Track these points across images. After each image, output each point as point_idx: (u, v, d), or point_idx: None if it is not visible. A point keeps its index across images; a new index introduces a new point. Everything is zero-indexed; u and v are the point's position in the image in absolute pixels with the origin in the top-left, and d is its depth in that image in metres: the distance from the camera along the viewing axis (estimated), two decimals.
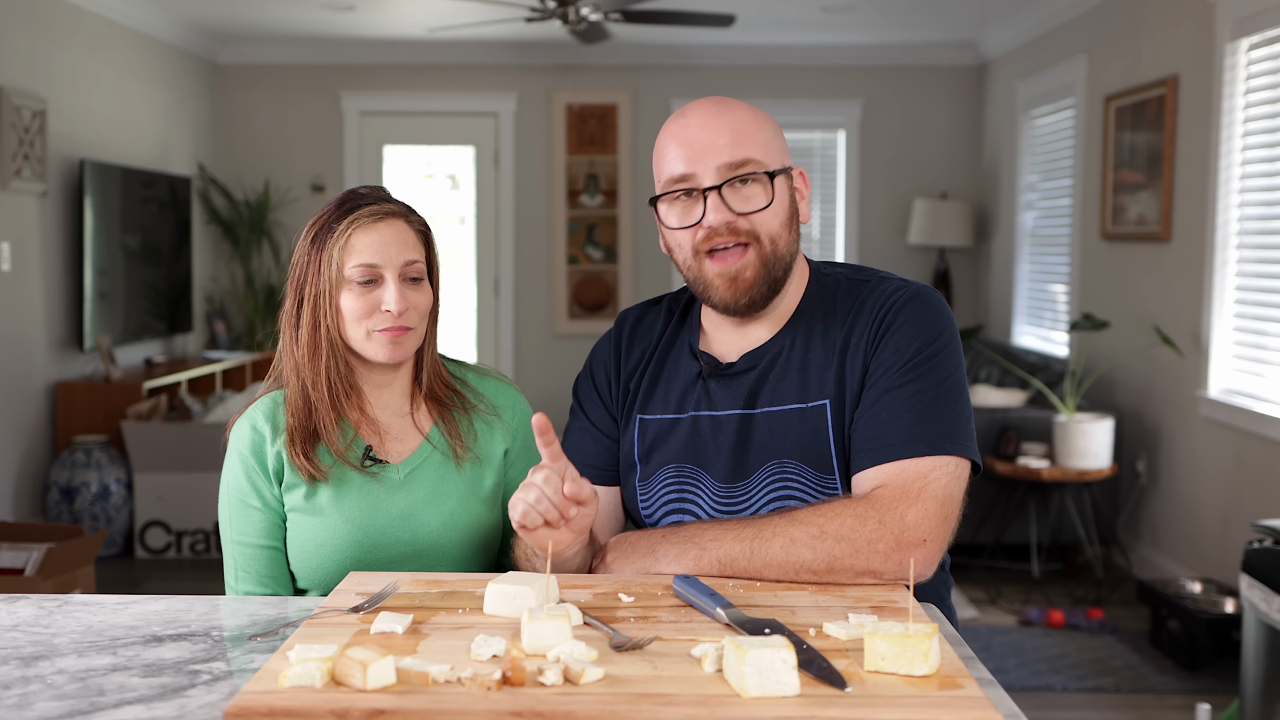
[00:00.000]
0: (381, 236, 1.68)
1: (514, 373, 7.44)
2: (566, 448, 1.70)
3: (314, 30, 6.73)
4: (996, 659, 3.91)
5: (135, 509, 5.17)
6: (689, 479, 1.65)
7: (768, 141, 1.60)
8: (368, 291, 1.68)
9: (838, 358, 1.61)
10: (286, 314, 1.73)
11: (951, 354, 1.60)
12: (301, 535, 1.71)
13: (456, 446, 1.76)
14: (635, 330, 1.77)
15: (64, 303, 5.38)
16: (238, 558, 1.74)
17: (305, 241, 1.71)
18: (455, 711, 1.10)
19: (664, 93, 7.32)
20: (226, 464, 1.76)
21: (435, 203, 7.60)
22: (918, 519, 1.49)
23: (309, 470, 1.69)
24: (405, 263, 1.69)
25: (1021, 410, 5.02)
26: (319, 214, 1.73)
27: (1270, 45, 4.04)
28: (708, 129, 1.58)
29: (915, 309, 1.60)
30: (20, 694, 1.20)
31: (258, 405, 1.76)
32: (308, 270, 1.70)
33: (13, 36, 4.94)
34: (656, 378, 1.71)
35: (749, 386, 1.64)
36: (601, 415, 1.75)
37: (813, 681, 1.16)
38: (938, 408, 1.55)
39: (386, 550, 1.71)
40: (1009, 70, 6.73)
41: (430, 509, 1.73)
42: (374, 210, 1.70)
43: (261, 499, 1.73)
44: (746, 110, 1.62)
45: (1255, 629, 2.91)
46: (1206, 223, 4.37)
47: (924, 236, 6.99)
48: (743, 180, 1.57)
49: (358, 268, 1.67)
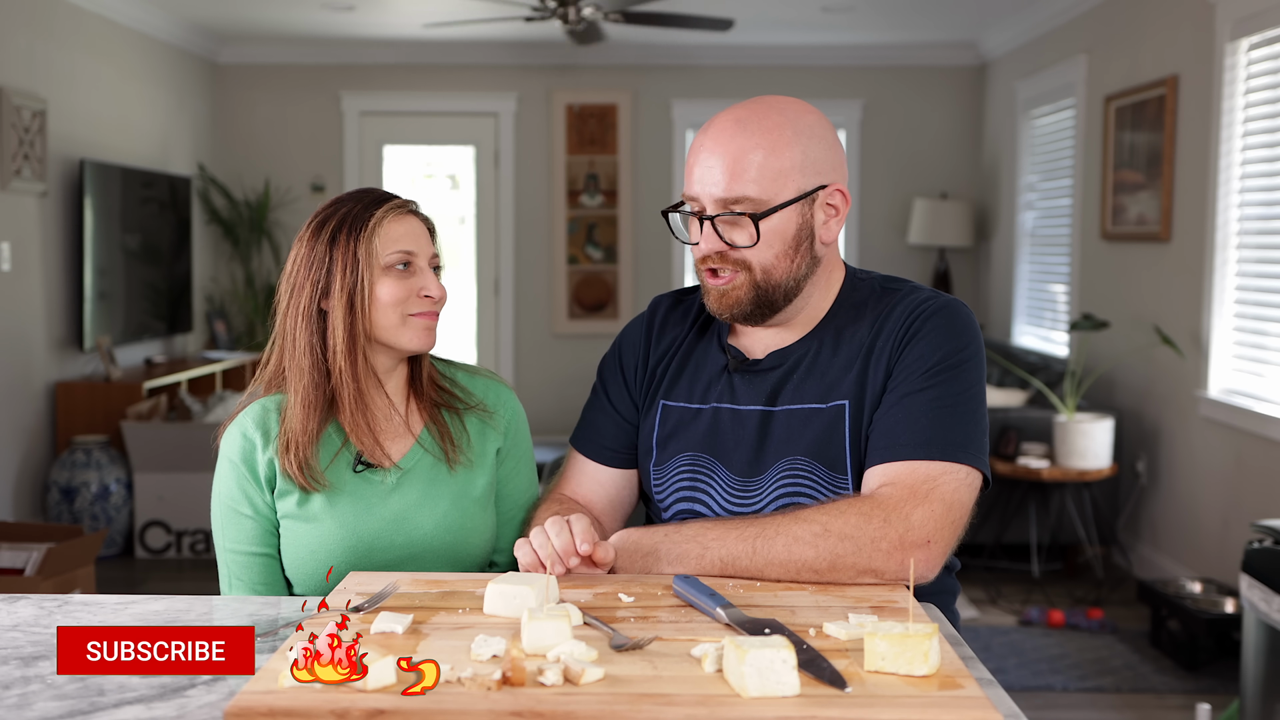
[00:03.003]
0: (411, 227, 1.71)
1: (514, 373, 7.44)
2: (583, 422, 1.77)
3: (314, 30, 6.73)
4: (996, 659, 3.91)
5: (135, 509, 5.17)
6: (704, 469, 1.67)
7: (778, 173, 1.58)
8: (406, 277, 1.68)
9: (861, 360, 1.62)
10: (302, 312, 1.68)
11: (974, 367, 1.60)
12: (296, 541, 1.71)
13: (448, 449, 1.75)
14: (669, 316, 1.79)
15: (64, 303, 5.38)
16: (231, 566, 1.74)
17: (321, 238, 1.68)
18: (455, 711, 1.10)
19: (664, 93, 7.32)
20: (217, 472, 1.75)
21: (435, 203, 7.59)
22: (923, 519, 1.50)
23: (302, 481, 1.68)
24: (432, 254, 1.72)
25: (1021, 410, 5.02)
26: (325, 214, 1.70)
27: (1270, 45, 4.04)
28: (714, 155, 1.59)
29: (944, 319, 1.61)
30: (20, 694, 1.20)
31: (247, 412, 1.74)
32: (334, 263, 1.67)
33: (13, 36, 4.94)
34: (684, 366, 1.73)
35: (773, 384, 1.65)
36: (622, 397, 1.77)
37: (813, 681, 1.16)
38: (955, 416, 1.56)
39: (381, 554, 1.70)
40: (1009, 70, 6.73)
41: (423, 512, 1.72)
42: (398, 203, 1.71)
43: (253, 506, 1.71)
44: (763, 135, 1.58)
45: (1255, 629, 2.92)
46: (1206, 223, 4.37)
47: (924, 236, 6.99)
48: (738, 215, 1.58)
49: (397, 253, 1.68)
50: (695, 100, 7.31)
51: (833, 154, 1.63)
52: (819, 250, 1.63)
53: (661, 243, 7.40)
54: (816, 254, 1.63)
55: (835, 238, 1.65)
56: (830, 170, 1.62)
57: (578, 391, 7.36)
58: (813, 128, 1.61)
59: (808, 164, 1.60)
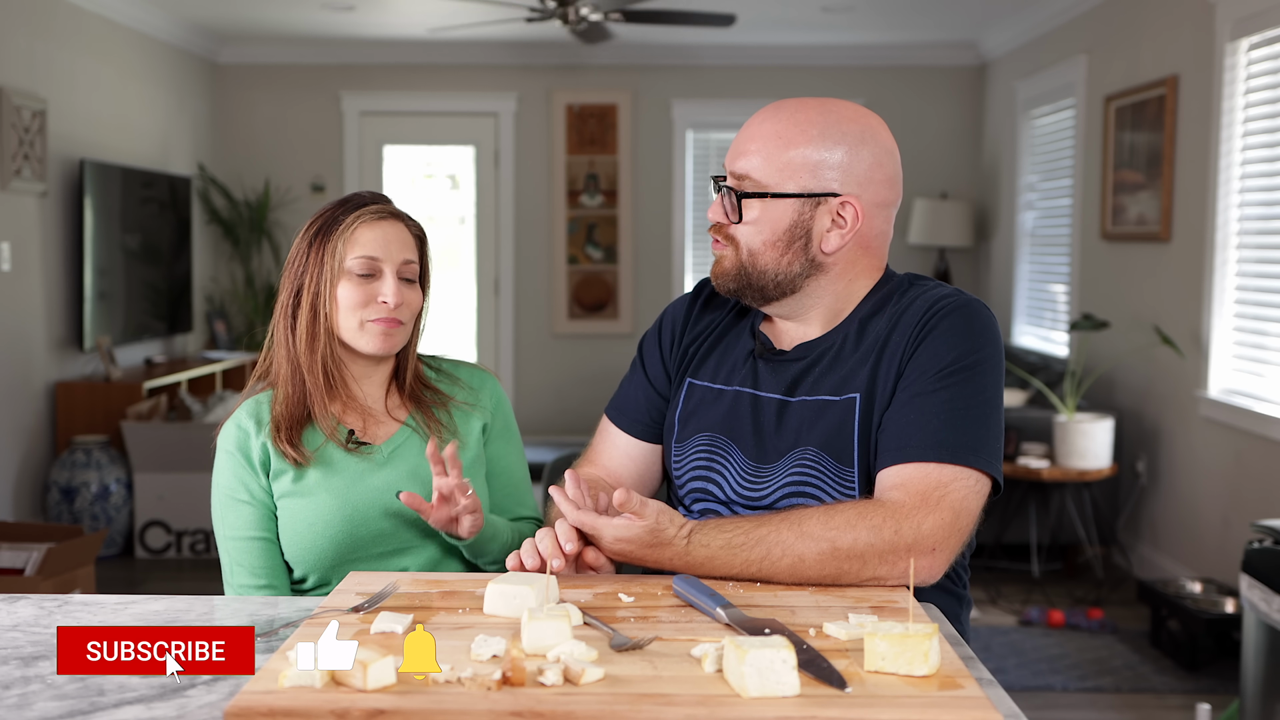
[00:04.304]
0: (384, 233, 1.76)
1: (514, 373, 7.44)
2: (620, 391, 1.82)
3: (314, 30, 6.73)
4: (996, 659, 3.91)
5: (135, 509, 5.17)
6: (720, 450, 1.67)
7: (785, 164, 1.59)
8: (366, 283, 1.75)
9: (875, 354, 1.61)
10: (282, 307, 1.79)
11: (990, 370, 1.58)
12: (293, 518, 1.76)
13: (434, 432, 1.82)
14: (711, 299, 1.81)
15: (64, 303, 5.38)
16: (232, 553, 1.78)
17: (305, 239, 1.78)
18: (455, 711, 1.10)
19: (664, 93, 7.32)
20: (216, 465, 1.82)
21: (435, 203, 7.60)
22: (933, 528, 1.49)
23: (293, 455, 1.75)
24: (403, 261, 1.77)
25: (1021, 410, 5.02)
26: (319, 213, 1.79)
27: (1270, 45, 4.04)
28: (746, 130, 1.65)
29: (960, 319, 1.59)
30: (20, 694, 1.20)
31: (242, 408, 1.82)
32: (308, 265, 1.76)
33: (13, 36, 4.94)
34: (715, 347, 1.75)
35: (794, 375, 1.65)
36: (658, 371, 1.80)
37: (813, 681, 1.16)
38: (968, 419, 1.54)
39: (375, 524, 1.75)
40: (1009, 70, 6.73)
41: (414, 484, 1.77)
42: (378, 209, 1.78)
43: (249, 492, 1.77)
44: (789, 125, 1.61)
45: (1255, 629, 2.92)
46: (1206, 223, 4.37)
47: (924, 236, 6.99)
48: (729, 189, 1.63)
49: (359, 259, 1.74)
50: (695, 100, 7.31)
51: (866, 170, 1.61)
52: (817, 255, 1.62)
53: (662, 243, 7.40)
54: (813, 257, 1.62)
55: (836, 249, 1.62)
56: (853, 184, 1.60)
57: (578, 391, 7.37)
58: (850, 137, 1.60)
59: (824, 167, 1.59)
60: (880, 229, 1.65)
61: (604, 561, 1.55)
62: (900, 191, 1.67)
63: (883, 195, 1.63)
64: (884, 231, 1.65)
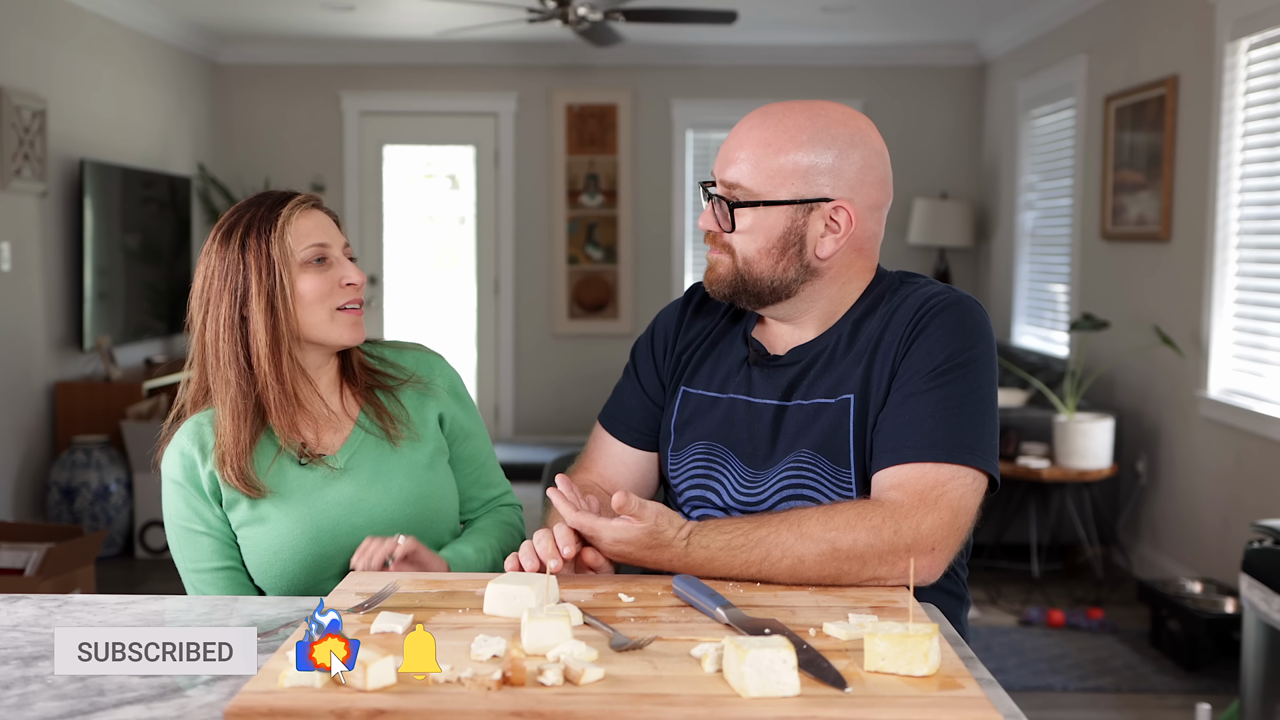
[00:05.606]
0: (318, 221, 1.72)
1: (514, 373, 7.44)
2: (614, 398, 1.80)
3: (314, 30, 6.73)
4: (996, 659, 3.91)
5: (135, 509, 5.17)
6: (718, 459, 1.67)
7: (775, 171, 1.58)
8: (325, 269, 1.70)
9: (869, 354, 1.61)
10: (223, 322, 1.67)
11: (983, 367, 1.57)
12: (256, 547, 1.71)
13: (388, 427, 1.76)
14: (702, 305, 1.80)
15: (64, 303, 5.38)
16: (197, 585, 1.74)
17: (226, 246, 1.68)
18: (455, 711, 1.10)
19: (664, 93, 7.32)
20: (164, 495, 1.75)
21: (435, 203, 7.60)
22: (932, 527, 1.49)
23: (244, 489, 1.68)
24: (344, 244, 1.74)
25: (1021, 410, 5.02)
26: (229, 222, 1.70)
27: (1270, 45, 4.04)
28: (733, 137, 1.63)
29: (952, 316, 1.58)
30: (20, 694, 1.20)
31: (182, 431, 1.75)
32: (245, 268, 1.67)
33: (13, 36, 4.94)
34: (708, 354, 1.74)
35: (789, 380, 1.65)
36: (651, 379, 1.79)
37: (813, 681, 1.16)
38: (963, 417, 1.54)
39: (344, 539, 1.70)
40: (1009, 70, 6.73)
41: (376, 490, 1.73)
42: (302, 199, 1.73)
43: (205, 522, 1.72)
44: (777, 132, 1.59)
45: (1255, 629, 2.92)
46: (1206, 223, 4.37)
47: (924, 236, 6.99)
48: (720, 199, 1.63)
49: (311, 248, 1.69)
50: (695, 100, 7.31)
51: (857, 173, 1.60)
52: (811, 260, 1.61)
53: (662, 243, 7.40)
54: (808, 263, 1.61)
55: (831, 254, 1.61)
56: (845, 188, 1.59)
57: (578, 391, 7.37)
58: (840, 140, 1.59)
59: (815, 173, 1.59)
60: (872, 231, 1.65)
61: (603, 562, 1.55)
62: (891, 192, 1.67)
63: (874, 197, 1.63)
64: (876, 233, 1.65)
